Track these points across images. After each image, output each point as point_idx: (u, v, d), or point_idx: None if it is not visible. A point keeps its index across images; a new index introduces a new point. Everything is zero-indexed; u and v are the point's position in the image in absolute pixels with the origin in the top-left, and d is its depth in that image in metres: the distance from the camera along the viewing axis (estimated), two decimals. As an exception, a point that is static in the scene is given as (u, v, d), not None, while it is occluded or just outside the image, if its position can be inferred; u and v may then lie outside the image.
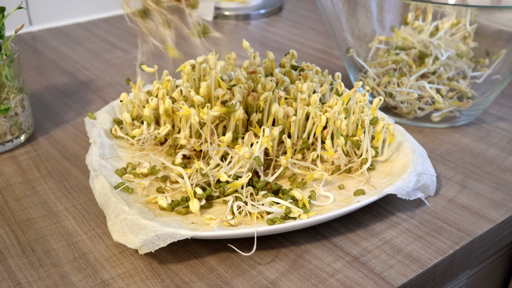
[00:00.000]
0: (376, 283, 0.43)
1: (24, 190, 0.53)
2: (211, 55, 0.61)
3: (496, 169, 0.57)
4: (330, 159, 0.54)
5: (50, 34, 0.94)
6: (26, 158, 0.58)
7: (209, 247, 0.46)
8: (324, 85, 0.60)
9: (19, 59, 0.59)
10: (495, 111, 0.69)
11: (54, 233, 0.48)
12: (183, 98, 0.57)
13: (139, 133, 0.56)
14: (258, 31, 0.98)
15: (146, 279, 0.43)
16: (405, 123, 0.65)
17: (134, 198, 0.49)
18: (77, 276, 0.43)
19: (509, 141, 0.63)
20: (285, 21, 1.04)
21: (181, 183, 0.50)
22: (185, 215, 0.48)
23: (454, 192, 0.54)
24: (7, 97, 0.57)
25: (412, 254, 0.46)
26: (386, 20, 0.64)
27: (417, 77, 0.63)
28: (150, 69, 0.60)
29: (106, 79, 0.77)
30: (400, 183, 0.49)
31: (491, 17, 0.61)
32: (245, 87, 0.57)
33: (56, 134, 0.63)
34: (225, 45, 0.80)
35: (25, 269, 0.44)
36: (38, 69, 0.80)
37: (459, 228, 0.49)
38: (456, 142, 0.62)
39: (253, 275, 0.43)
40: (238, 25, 1.01)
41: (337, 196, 0.51)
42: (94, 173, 0.49)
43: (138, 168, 0.52)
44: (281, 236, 0.47)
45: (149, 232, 0.42)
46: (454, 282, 0.57)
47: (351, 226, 0.49)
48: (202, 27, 0.48)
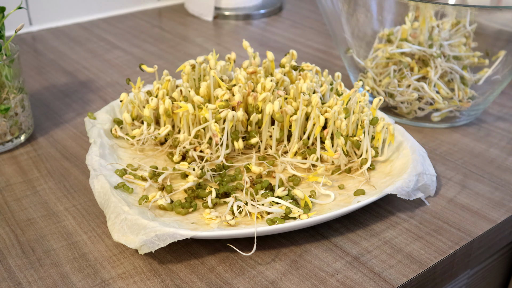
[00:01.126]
0: (376, 283, 0.43)
1: (24, 190, 0.53)
2: (211, 55, 0.61)
3: (496, 169, 0.57)
4: (330, 159, 0.55)
5: (50, 34, 0.94)
6: (26, 158, 0.58)
7: (209, 247, 0.46)
8: (324, 85, 0.60)
9: (19, 59, 0.59)
10: (495, 111, 0.69)
11: (54, 233, 0.48)
12: (183, 98, 0.57)
13: (139, 133, 0.56)
14: (258, 31, 0.98)
15: (146, 279, 0.43)
16: (405, 123, 0.65)
17: (134, 198, 0.49)
18: (77, 276, 0.43)
19: (509, 141, 0.63)
20: (285, 21, 1.04)
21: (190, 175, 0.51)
22: (185, 215, 0.48)
23: (454, 192, 0.54)
24: (7, 97, 0.57)
25: (412, 254, 0.46)
26: (386, 20, 0.64)
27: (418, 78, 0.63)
28: (150, 69, 0.60)
29: (106, 79, 0.77)
30: (400, 183, 0.49)
31: (491, 17, 0.61)
32: (245, 87, 0.57)
33: (56, 134, 0.63)
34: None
35: (25, 269, 0.44)
36: (38, 69, 0.80)
37: (459, 228, 0.49)
38: (456, 142, 0.62)
39: (253, 275, 0.43)
40: (238, 25, 1.01)
41: (337, 196, 0.51)
42: (94, 173, 0.49)
43: (138, 171, 0.52)
44: (281, 236, 0.47)
45: (149, 232, 0.42)
46: (454, 282, 0.57)
47: (351, 226, 0.49)
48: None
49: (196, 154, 0.55)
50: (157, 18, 1.03)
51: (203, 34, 0.95)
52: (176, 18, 1.03)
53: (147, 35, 0.94)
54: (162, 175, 0.51)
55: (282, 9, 1.10)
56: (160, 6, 1.09)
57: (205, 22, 1.01)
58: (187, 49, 0.89)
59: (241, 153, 0.57)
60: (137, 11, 1.06)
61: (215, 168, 0.54)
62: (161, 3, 1.09)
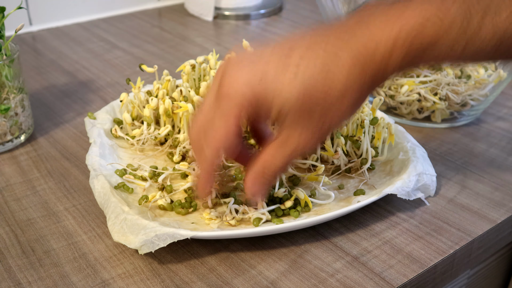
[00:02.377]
0: (376, 283, 0.43)
1: (24, 190, 0.53)
2: (211, 55, 0.61)
3: (496, 169, 0.57)
4: (330, 159, 0.54)
5: (50, 34, 0.94)
6: (26, 158, 0.58)
7: (209, 247, 0.46)
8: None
9: (19, 59, 0.59)
10: (495, 111, 0.69)
11: (54, 233, 0.48)
12: (183, 98, 0.57)
13: (139, 133, 0.56)
14: (258, 31, 0.98)
15: (146, 279, 0.43)
16: (405, 123, 0.65)
17: (134, 198, 0.49)
18: (77, 276, 0.43)
19: (509, 141, 0.63)
20: (285, 21, 1.04)
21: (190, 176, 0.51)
22: (185, 215, 0.48)
23: (454, 192, 0.54)
24: (7, 97, 0.57)
25: (412, 254, 0.46)
26: (386, 20, 0.64)
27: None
28: (150, 69, 0.60)
29: (106, 79, 0.77)
30: (400, 183, 0.49)
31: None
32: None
33: (56, 134, 0.63)
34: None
35: (25, 269, 0.44)
36: (38, 69, 0.80)
37: (459, 228, 0.49)
38: (456, 142, 0.62)
39: (253, 275, 0.43)
40: (238, 25, 1.01)
41: (337, 195, 0.51)
42: (94, 173, 0.49)
43: (138, 171, 0.53)
44: (281, 236, 0.47)
45: (149, 232, 0.42)
46: (454, 282, 0.57)
47: (351, 226, 0.49)
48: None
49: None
50: (157, 18, 1.03)
51: (203, 34, 0.95)
52: (176, 18, 1.03)
53: (147, 35, 0.94)
54: (162, 175, 0.51)
55: (282, 9, 1.10)
56: (160, 6, 1.09)
57: (205, 22, 1.01)
58: (187, 49, 0.89)
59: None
60: (137, 11, 1.06)
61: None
62: (161, 3, 1.09)
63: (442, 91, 0.61)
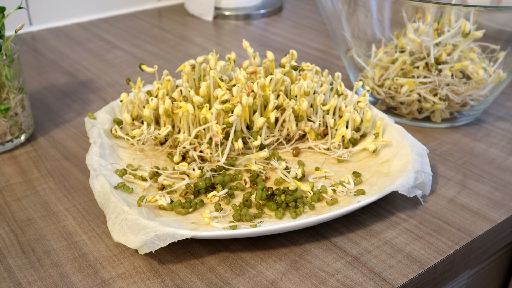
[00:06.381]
0: (376, 283, 0.43)
1: (24, 190, 0.53)
2: (211, 55, 0.61)
3: (496, 169, 0.57)
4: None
5: (50, 34, 0.94)
6: (26, 158, 0.58)
7: (209, 247, 0.46)
8: (324, 85, 0.60)
9: (19, 59, 0.59)
10: (495, 111, 0.69)
11: (54, 233, 0.48)
12: (183, 98, 0.57)
13: (139, 133, 0.56)
14: (258, 31, 0.98)
15: (146, 279, 0.43)
16: (405, 123, 0.65)
17: (134, 198, 0.49)
18: (77, 276, 0.43)
19: (509, 141, 0.63)
20: (285, 21, 1.04)
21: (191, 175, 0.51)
22: (185, 215, 0.48)
23: (454, 192, 0.54)
24: (7, 97, 0.57)
25: (412, 254, 0.46)
26: (386, 20, 0.64)
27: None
28: (150, 69, 0.60)
29: (106, 79, 0.77)
30: (400, 181, 0.49)
31: (491, 17, 0.61)
32: (244, 87, 0.57)
33: (56, 134, 0.63)
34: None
35: (25, 269, 0.44)
36: (38, 69, 0.80)
37: (459, 228, 0.49)
38: (456, 142, 0.62)
39: (253, 275, 0.43)
40: (238, 25, 1.01)
41: (338, 195, 0.51)
42: (94, 173, 0.49)
43: (138, 171, 0.52)
44: (281, 236, 0.47)
45: (149, 232, 0.42)
46: (454, 282, 0.57)
47: (351, 226, 0.49)
48: None
49: (196, 154, 0.55)
50: (157, 18, 1.03)
51: (203, 34, 0.95)
52: (176, 18, 1.03)
53: (147, 35, 0.94)
54: (162, 175, 0.51)
55: (282, 9, 1.10)
56: (160, 6, 1.09)
57: (205, 22, 1.01)
58: (187, 49, 0.89)
59: (241, 153, 0.57)
60: (137, 11, 1.06)
61: (215, 168, 0.54)
62: (161, 3, 1.09)
63: (442, 91, 0.61)
